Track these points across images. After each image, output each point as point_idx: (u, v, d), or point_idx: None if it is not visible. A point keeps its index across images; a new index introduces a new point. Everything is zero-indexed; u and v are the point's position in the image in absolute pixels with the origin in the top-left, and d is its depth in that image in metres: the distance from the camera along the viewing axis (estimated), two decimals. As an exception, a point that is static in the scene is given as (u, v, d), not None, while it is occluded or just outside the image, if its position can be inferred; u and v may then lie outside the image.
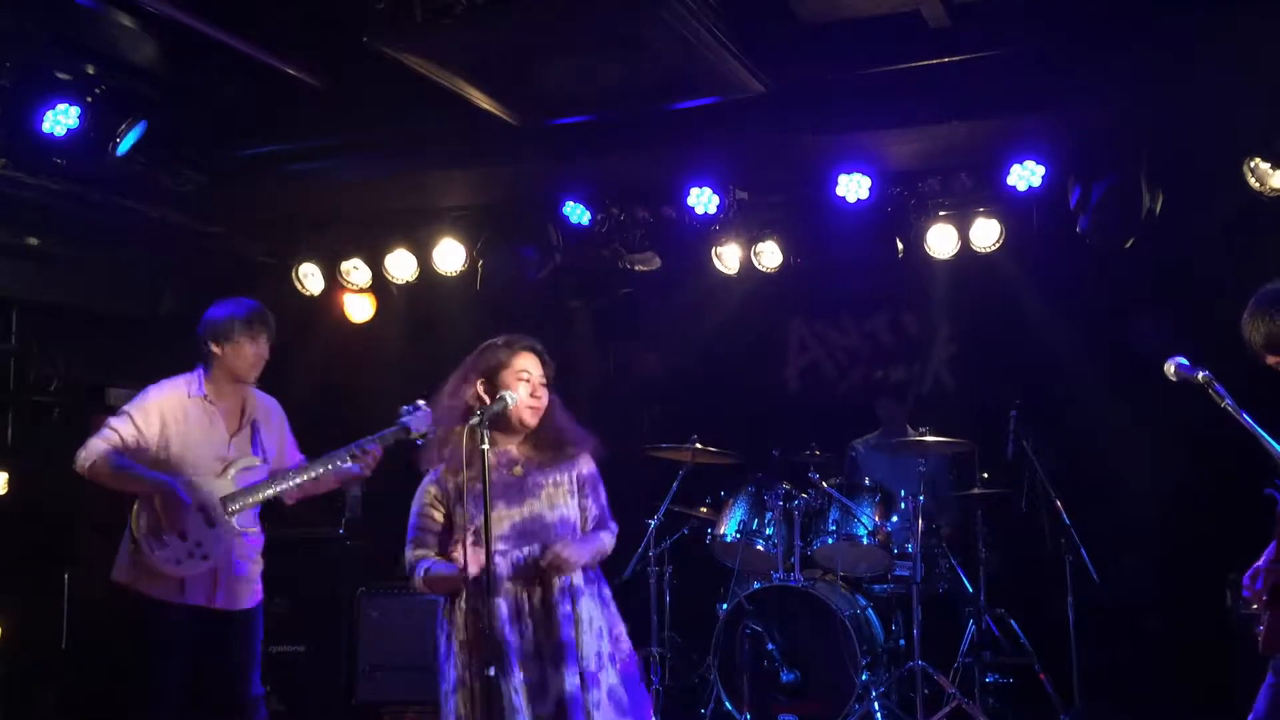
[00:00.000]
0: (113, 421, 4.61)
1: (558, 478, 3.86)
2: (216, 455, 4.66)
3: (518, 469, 3.85)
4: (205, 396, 4.74)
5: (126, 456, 4.54)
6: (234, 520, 4.58)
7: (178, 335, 6.97)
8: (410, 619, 6.64)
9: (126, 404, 4.75)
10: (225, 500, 4.59)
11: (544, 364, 3.94)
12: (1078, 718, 6.11)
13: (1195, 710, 6.16)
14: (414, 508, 3.90)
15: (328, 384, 7.14)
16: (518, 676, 3.63)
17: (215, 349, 4.72)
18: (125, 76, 5.39)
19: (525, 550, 3.74)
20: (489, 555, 3.57)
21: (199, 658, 4.60)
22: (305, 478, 4.62)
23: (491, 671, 3.51)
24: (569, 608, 3.72)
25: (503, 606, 3.69)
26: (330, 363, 7.38)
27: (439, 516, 3.83)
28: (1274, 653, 3.58)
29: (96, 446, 4.52)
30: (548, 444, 3.89)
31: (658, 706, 6.31)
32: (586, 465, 3.95)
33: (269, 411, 4.88)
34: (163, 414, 4.65)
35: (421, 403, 4.44)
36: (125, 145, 5.44)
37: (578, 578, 3.78)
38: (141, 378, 7.00)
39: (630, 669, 3.85)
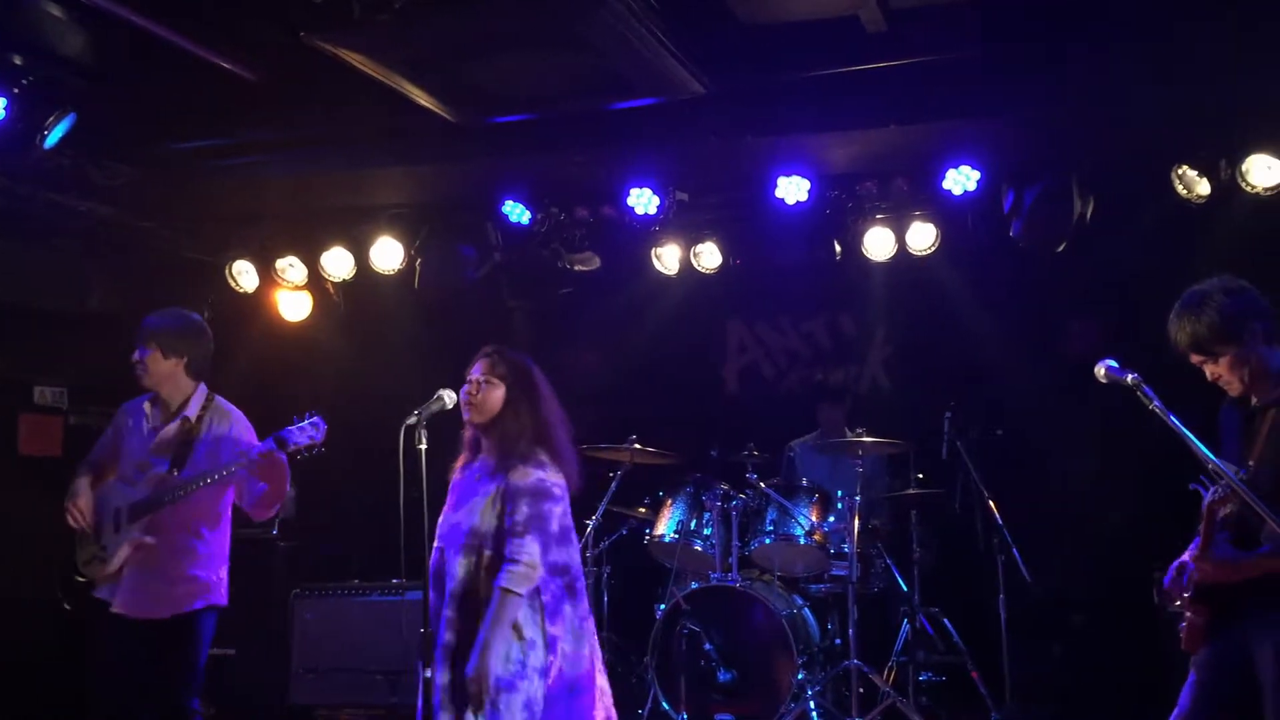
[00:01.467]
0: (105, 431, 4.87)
1: (490, 486, 3.83)
2: (137, 460, 4.67)
3: (478, 476, 3.90)
4: (145, 404, 4.78)
5: (93, 463, 4.76)
6: (136, 528, 4.54)
7: (106, 332, 6.87)
8: (344, 621, 6.57)
9: None
10: (132, 508, 4.57)
11: (492, 364, 3.94)
12: (1009, 715, 6.19)
13: (1123, 707, 6.27)
14: None
15: (262, 383, 7.04)
16: (441, 674, 3.67)
17: None
18: (53, 67, 5.27)
19: (448, 553, 3.79)
20: (428, 555, 3.58)
21: (131, 662, 4.54)
22: (185, 489, 4.52)
23: (429, 673, 3.50)
24: (453, 612, 3.72)
25: (433, 604, 3.75)
26: (265, 361, 7.28)
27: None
28: (1196, 650, 3.66)
29: (85, 458, 4.80)
30: (494, 449, 3.89)
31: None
32: (520, 477, 3.81)
33: (219, 421, 4.75)
34: (116, 423, 4.82)
35: (317, 417, 4.38)
36: (53, 138, 5.34)
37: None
38: (69, 375, 6.94)
39: (557, 689, 3.74)
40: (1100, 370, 3.64)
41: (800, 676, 6.00)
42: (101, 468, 4.77)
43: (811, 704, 6.02)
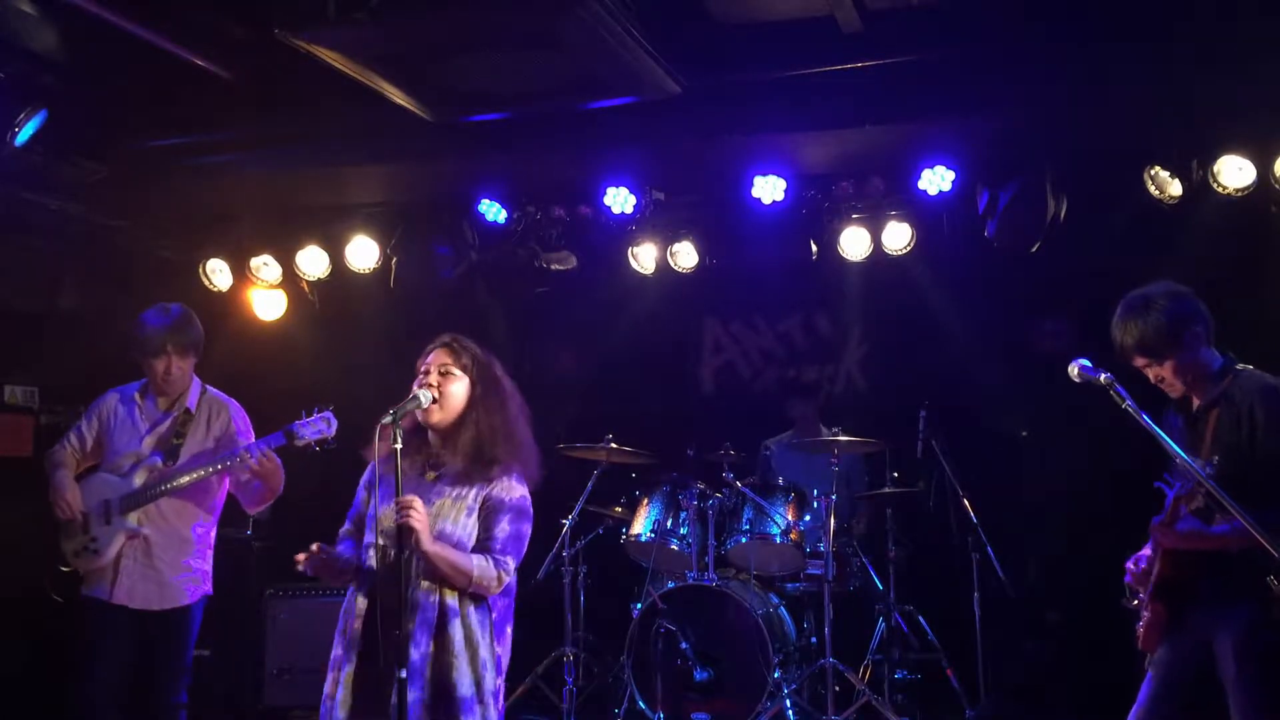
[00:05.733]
0: (76, 424, 4.87)
1: (464, 491, 3.56)
2: (129, 451, 4.70)
3: (431, 474, 3.63)
4: (135, 395, 4.82)
5: (69, 456, 4.75)
6: (129, 519, 4.57)
7: (78, 331, 6.80)
8: (319, 621, 6.48)
9: None
10: (124, 499, 4.60)
11: (454, 353, 3.67)
12: (983, 712, 6.23)
13: (1097, 704, 6.31)
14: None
15: (236, 382, 7.01)
16: (347, 669, 3.49)
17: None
18: (25, 64, 5.22)
19: (390, 552, 3.47)
20: (401, 550, 3.41)
21: (124, 656, 4.61)
22: (180, 481, 4.58)
23: (404, 674, 3.38)
24: (421, 629, 3.45)
25: (360, 602, 3.55)
26: (239, 361, 7.22)
27: (366, 498, 3.71)
28: (1153, 649, 3.70)
29: (52, 449, 4.79)
30: (465, 452, 3.58)
31: (572, 706, 6.30)
32: (505, 491, 3.58)
33: (216, 413, 4.85)
34: (100, 413, 4.82)
35: (329, 412, 4.42)
36: (24, 135, 5.30)
37: (450, 598, 3.50)
38: (40, 374, 6.87)
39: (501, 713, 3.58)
40: (1074, 370, 3.68)
41: (776, 675, 6.01)
42: (82, 459, 4.78)
43: (787, 702, 6.04)
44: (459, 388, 3.65)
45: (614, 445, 6.52)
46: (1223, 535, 3.49)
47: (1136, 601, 3.81)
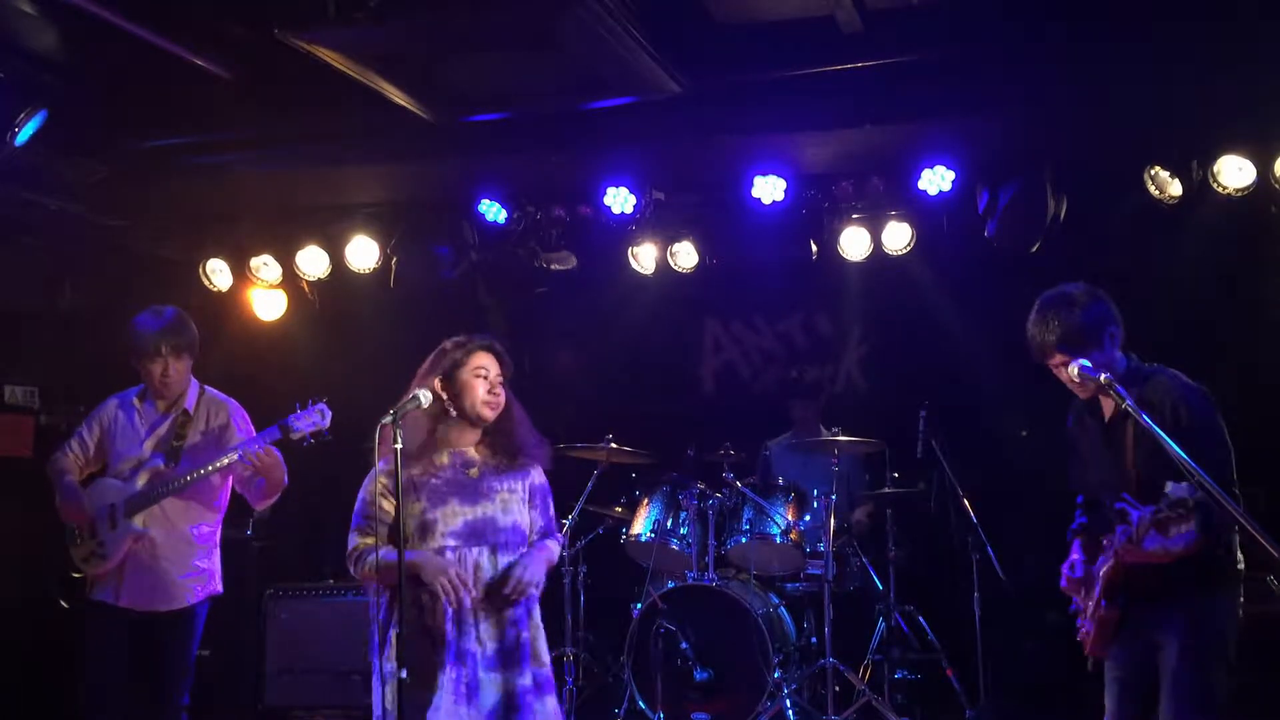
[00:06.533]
0: (78, 430, 4.86)
1: (512, 484, 3.88)
2: (130, 456, 4.70)
3: (473, 471, 3.85)
4: (134, 399, 4.82)
5: (71, 462, 4.73)
6: (135, 522, 4.58)
7: (78, 331, 6.81)
8: (319, 621, 6.54)
9: None
10: (129, 502, 4.60)
11: (501, 362, 3.96)
12: (983, 713, 6.23)
13: (1096, 704, 6.30)
14: (362, 495, 3.82)
15: (236, 382, 7.01)
16: (451, 674, 3.60)
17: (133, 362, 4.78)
18: (25, 64, 5.22)
19: (475, 550, 3.73)
20: (400, 553, 3.50)
21: (128, 658, 4.61)
22: (183, 481, 4.60)
23: (404, 674, 3.43)
24: (522, 610, 3.76)
25: (445, 603, 3.64)
26: (239, 361, 7.23)
27: (389, 507, 3.72)
28: (1102, 654, 3.70)
29: (54, 455, 4.79)
30: (503, 448, 3.91)
31: (572, 706, 6.29)
32: (539, 477, 3.98)
33: (215, 412, 4.85)
34: (100, 419, 4.81)
35: (322, 404, 4.47)
36: (24, 135, 5.30)
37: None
38: (40, 374, 6.88)
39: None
40: (1074, 370, 3.67)
41: (776, 675, 6.01)
42: (84, 466, 4.78)
43: (787, 702, 6.04)
44: (504, 392, 3.96)
45: (614, 445, 6.52)
46: (1183, 547, 3.48)
47: (1085, 609, 3.81)
